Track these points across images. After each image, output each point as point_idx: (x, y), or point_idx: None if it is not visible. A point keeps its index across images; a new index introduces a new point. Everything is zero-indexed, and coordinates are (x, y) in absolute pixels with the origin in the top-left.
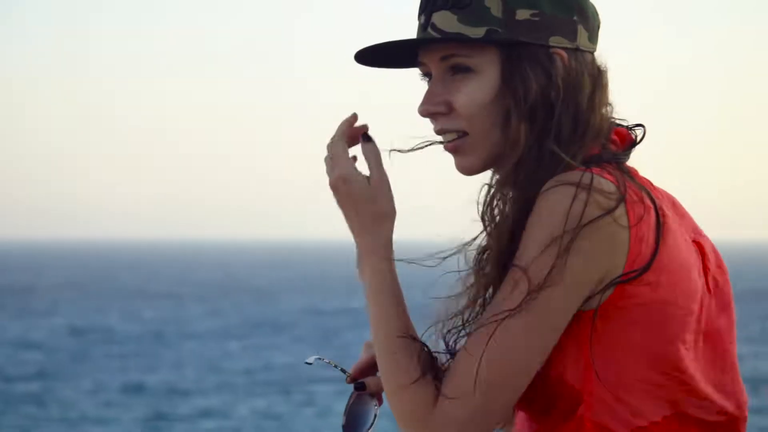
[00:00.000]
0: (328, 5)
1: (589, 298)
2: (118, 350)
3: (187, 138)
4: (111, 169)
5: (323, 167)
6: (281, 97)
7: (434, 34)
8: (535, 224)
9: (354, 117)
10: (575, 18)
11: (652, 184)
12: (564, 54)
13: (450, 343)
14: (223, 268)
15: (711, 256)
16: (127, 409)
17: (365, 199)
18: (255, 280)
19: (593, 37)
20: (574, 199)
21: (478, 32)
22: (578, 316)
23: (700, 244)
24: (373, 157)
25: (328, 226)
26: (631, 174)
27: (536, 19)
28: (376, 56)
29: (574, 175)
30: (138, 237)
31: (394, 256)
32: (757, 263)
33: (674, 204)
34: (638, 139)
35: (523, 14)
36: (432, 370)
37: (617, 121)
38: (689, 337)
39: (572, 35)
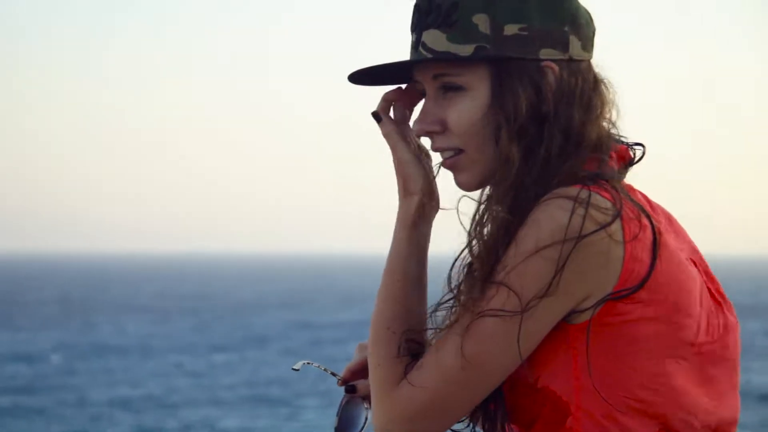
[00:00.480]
0: (303, 18)
1: (576, 312)
2: (105, 364)
3: (174, 152)
4: (99, 181)
5: (309, 180)
6: (272, 111)
7: (425, 52)
8: (527, 234)
9: (392, 93)
10: (566, 28)
11: (649, 200)
12: (555, 66)
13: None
14: (209, 282)
15: (708, 273)
16: (113, 423)
17: (396, 172)
18: (242, 294)
19: (588, 46)
20: (569, 212)
21: (466, 50)
22: (566, 329)
23: (695, 262)
24: (388, 138)
25: (315, 239)
26: (628, 191)
27: (525, 33)
28: (371, 76)
29: (571, 190)
30: (123, 250)
31: (418, 228)
32: (739, 278)
33: (670, 220)
34: (636, 158)
35: (511, 29)
36: (413, 352)
37: (619, 137)
38: (682, 354)
39: (564, 46)
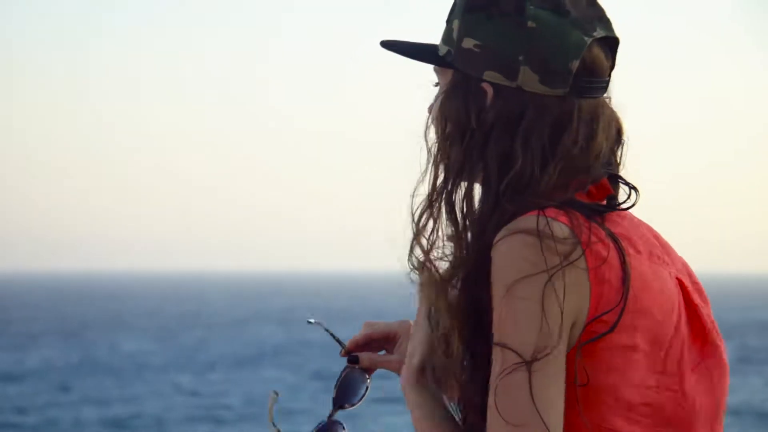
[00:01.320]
0: (300, 28)
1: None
2: (99, 382)
3: (168, 169)
4: (91, 199)
5: (307, 197)
6: (261, 126)
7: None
8: (496, 277)
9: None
10: (520, 57)
11: (632, 220)
12: (489, 90)
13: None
14: (205, 299)
15: (695, 294)
16: None
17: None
18: (238, 311)
19: (554, 81)
20: (530, 247)
21: (443, 50)
22: None
23: (682, 282)
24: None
25: (312, 257)
26: (595, 215)
27: (477, 50)
28: (404, 48)
29: (526, 221)
30: (117, 268)
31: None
32: (729, 297)
33: (658, 240)
34: (618, 201)
35: (468, 42)
36: None
37: (608, 175)
38: (662, 380)
39: (512, 74)
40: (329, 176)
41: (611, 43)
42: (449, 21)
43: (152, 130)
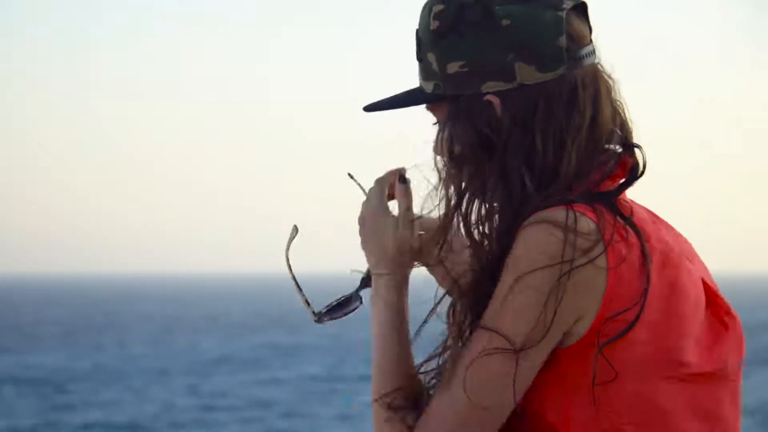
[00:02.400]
0: (301, 33)
1: (566, 335)
2: (103, 386)
3: (165, 170)
4: (85, 201)
5: (310, 201)
6: (261, 127)
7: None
8: (511, 262)
9: (403, 170)
10: (510, 57)
11: (654, 217)
12: (496, 99)
13: (430, 383)
14: (207, 302)
15: (719, 297)
16: None
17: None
18: (234, 314)
19: (549, 64)
20: (552, 238)
21: (429, 87)
22: (556, 353)
23: (707, 285)
24: (403, 198)
25: (311, 259)
26: (622, 208)
27: (465, 69)
28: (385, 103)
29: (553, 213)
30: (114, 270)
31: (406, 292)
32: (737, 296)
33: (678, 238)
34: (640, 167)
35: (452, 67)
36: (411, 407)
37: (621, 144)
38: (676, 377)
39: (508, 75)
40: (330, 178)
41: (582, 8)
42: (421, 58)
43: (151, 132)
